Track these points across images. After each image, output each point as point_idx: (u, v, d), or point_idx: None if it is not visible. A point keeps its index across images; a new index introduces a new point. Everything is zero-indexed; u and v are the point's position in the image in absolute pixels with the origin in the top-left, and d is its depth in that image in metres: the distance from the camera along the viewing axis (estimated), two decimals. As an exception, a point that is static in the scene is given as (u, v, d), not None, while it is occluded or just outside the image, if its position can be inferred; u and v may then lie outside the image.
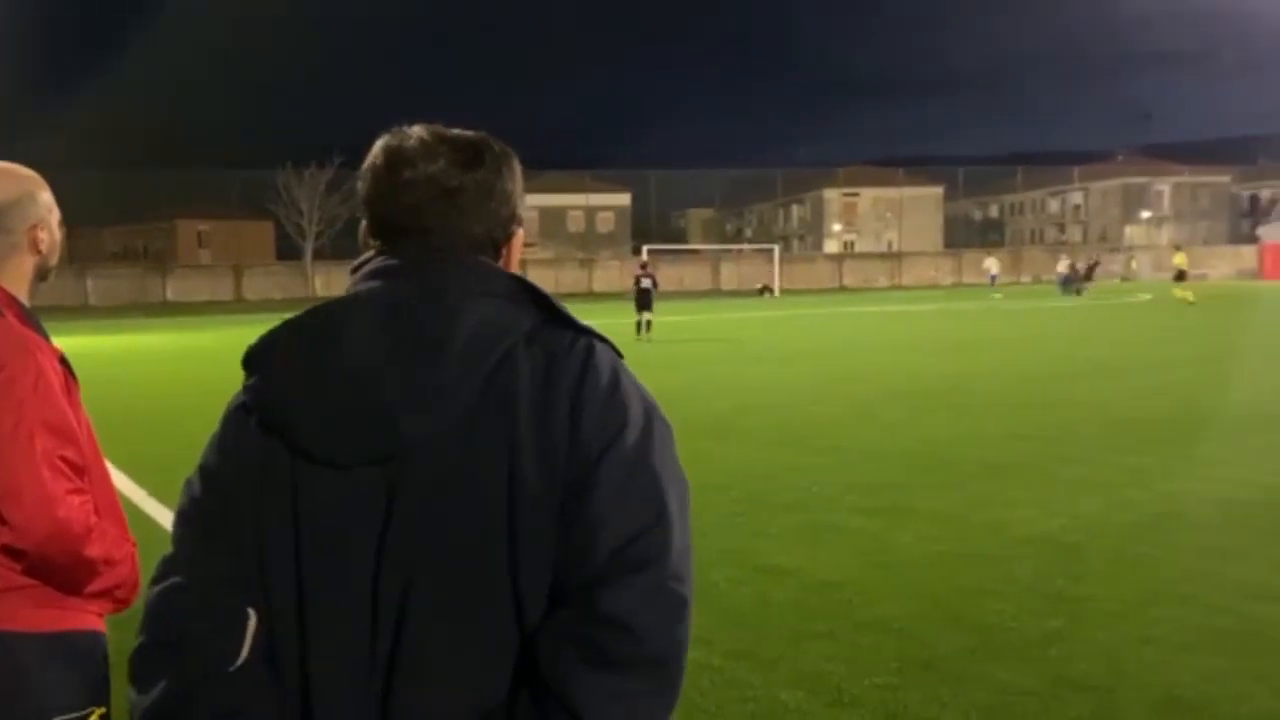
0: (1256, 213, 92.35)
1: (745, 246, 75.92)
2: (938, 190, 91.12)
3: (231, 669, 1.26)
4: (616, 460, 1.21)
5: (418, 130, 1.35)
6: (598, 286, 63.04)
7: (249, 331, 1.47)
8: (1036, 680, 4.04)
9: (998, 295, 43.63)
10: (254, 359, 1.31)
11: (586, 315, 1.33)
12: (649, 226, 78.02)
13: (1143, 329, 24.57)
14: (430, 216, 1.31)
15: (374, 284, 1.30)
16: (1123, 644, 4.39)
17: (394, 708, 1.22)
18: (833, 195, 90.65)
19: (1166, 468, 7.88)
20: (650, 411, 1.28)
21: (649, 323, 23.88)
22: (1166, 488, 7.23)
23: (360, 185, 1.37)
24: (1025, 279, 69.54)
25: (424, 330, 1.23)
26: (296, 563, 1.25)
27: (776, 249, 61.80)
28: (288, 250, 64.40)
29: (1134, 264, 69.31)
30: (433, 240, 1.31)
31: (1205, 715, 3.71)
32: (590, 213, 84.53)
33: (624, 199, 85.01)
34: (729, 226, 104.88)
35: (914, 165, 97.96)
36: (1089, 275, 47.53)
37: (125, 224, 73.96)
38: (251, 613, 1.28)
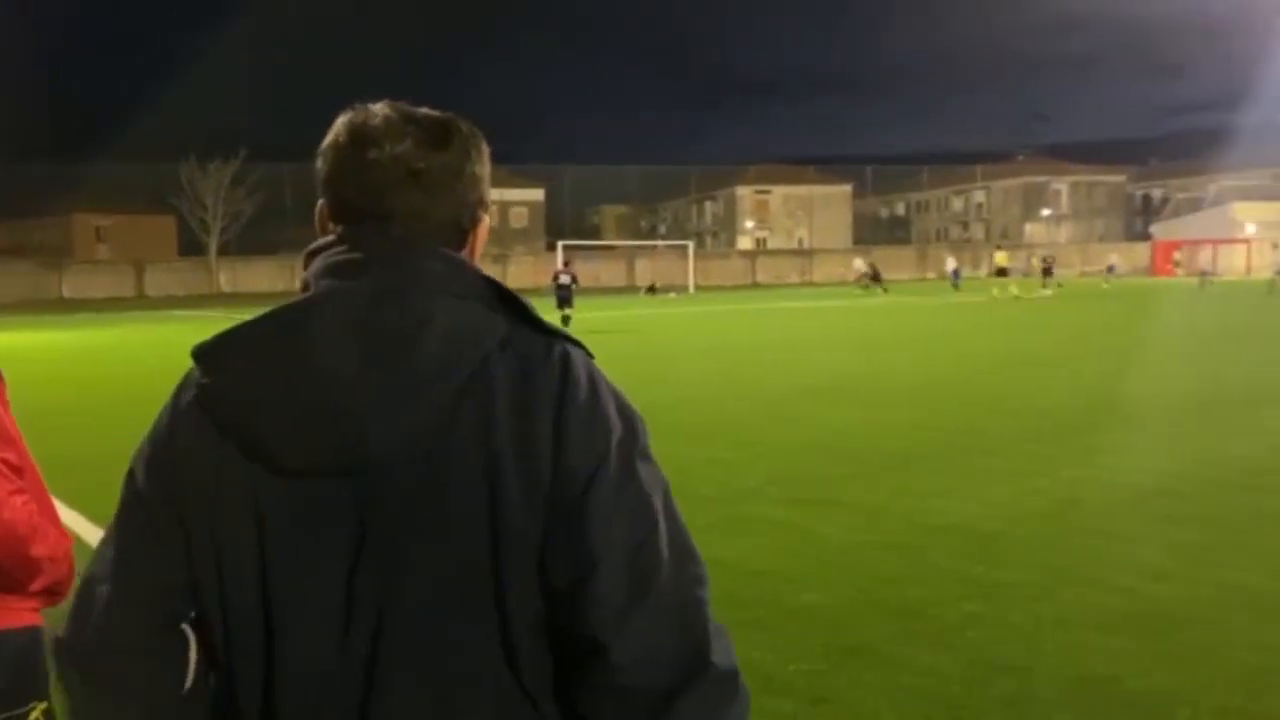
0: (1149, 211, 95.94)
1: (660, 243, 76.27)
2: (847, 188, 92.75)
3: (178, 699, 1.22)
4: (604, 483, 1.15)
5: (382, 107, 1.25)
6: (512, 283, 62.02)
7: (151, 329, 1.42)
8: (958, 662, 4.19)
9: (958, 288, 43.81)
10: (210, 355, 1.21)
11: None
12: (563, 222, 77.89)
13: (1044, 324, 25.37)
14: (395, 200, 1.21)
15: (337, 282, 1.19)
16: (1037, 626, 4.58)
17: None
18: (745, 192, 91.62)
19: (1071, 457, 8.20)
20: (628, 420, 1.22)
21: (568, 318, 24.23)
22: (1071, 475, 7.53)
23: (320, 164, 1.27)
24: (931, 275, 71.16)
25: (393, 334, 1.14)
26: (260, 575, 1.17)
27: (691, 245, 62.21)
28: (191, 246, 62.75)
29: (1034, 261, 71.43)
30: (396, 226, 1.21)
31: (1114, 691, 3.90)
32: (504, 208, 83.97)
33: (538, 195, 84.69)
34: (644, 223, 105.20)
35: (824, 164, 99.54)
36: (1048, 271, 47.32)
37: (17, 219, 71.18)
38: (190, 634, 1.22)
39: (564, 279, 25.08)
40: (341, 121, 1.26)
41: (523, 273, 64.03)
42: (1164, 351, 17.28)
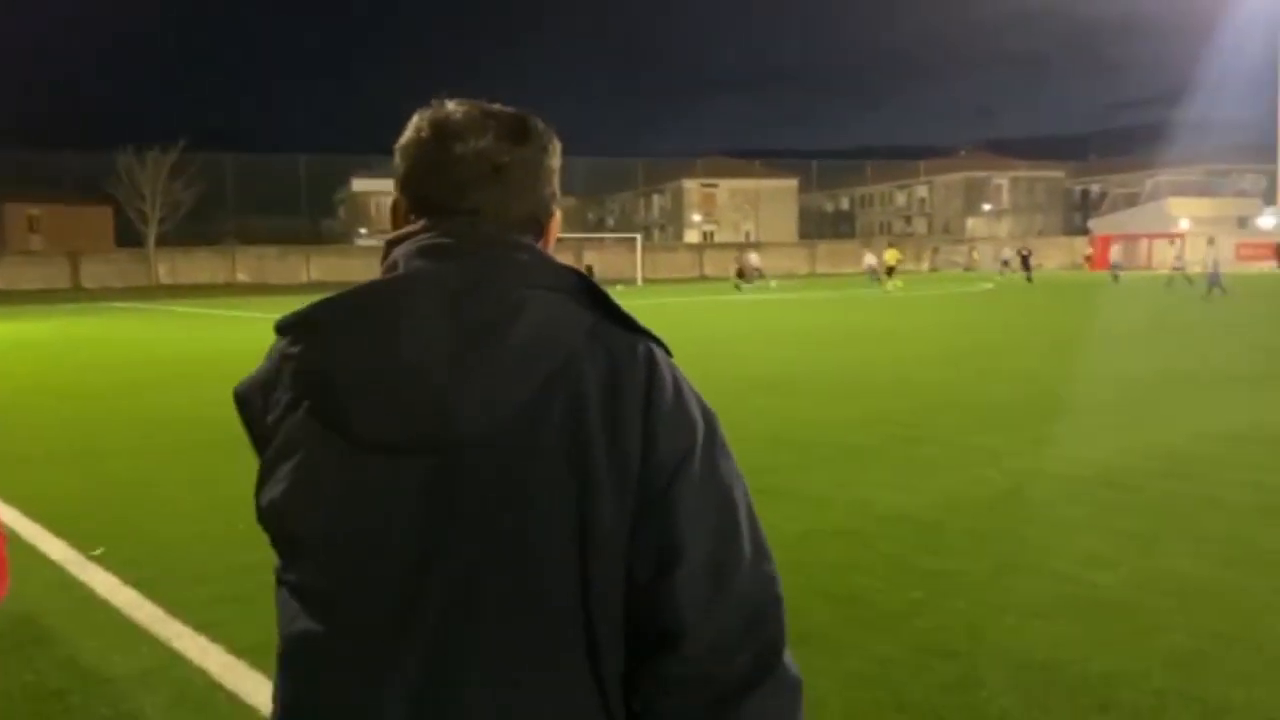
0: (1088, 206, 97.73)
1: (608, 235, 76.22)
2: (792, 182, 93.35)
3: None
4: (687, 481, 1.16)
5: (459, 104, 1.28)
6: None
7: (87, 321, 1.40)
8: (903, 649, 4.25)
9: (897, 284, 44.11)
10: (298, 327, 1.20)
11: None
12: (509, 215, 77.42)
13: (986, 317, 25.76)
14: (479, 194, 1.24)
15: (429, 264, 1.19)
16: (981, 613, 4.65)
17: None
18: (692, 186, 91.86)
19: (1015, 447, 8.33)
20: (708, 417, 1.23)
21: None
22: (1015, 466, 7.65)
23: (399, 160, 1.29)
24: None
25: (486, 320, 1.14)
26: (327, 543, 1.17)
27: (639, 238, 62.26)
28: (129, 236, 61.44)
29: (975, 254, 72.44)
30: (481, 220, 1.23)
31: (1057, 676, 3.97)
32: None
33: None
34: (591, 215, 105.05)
35: (770, 158, 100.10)
36: (1025, 264, 47.76)
37: (-54, 207, 69.25)
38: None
39: None
40: (422, 117, 1.27)
41: (469, 265, 63.57)
42: (1104, 345, 17.63)
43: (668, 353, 1.25)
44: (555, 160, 1.31)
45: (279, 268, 58.75)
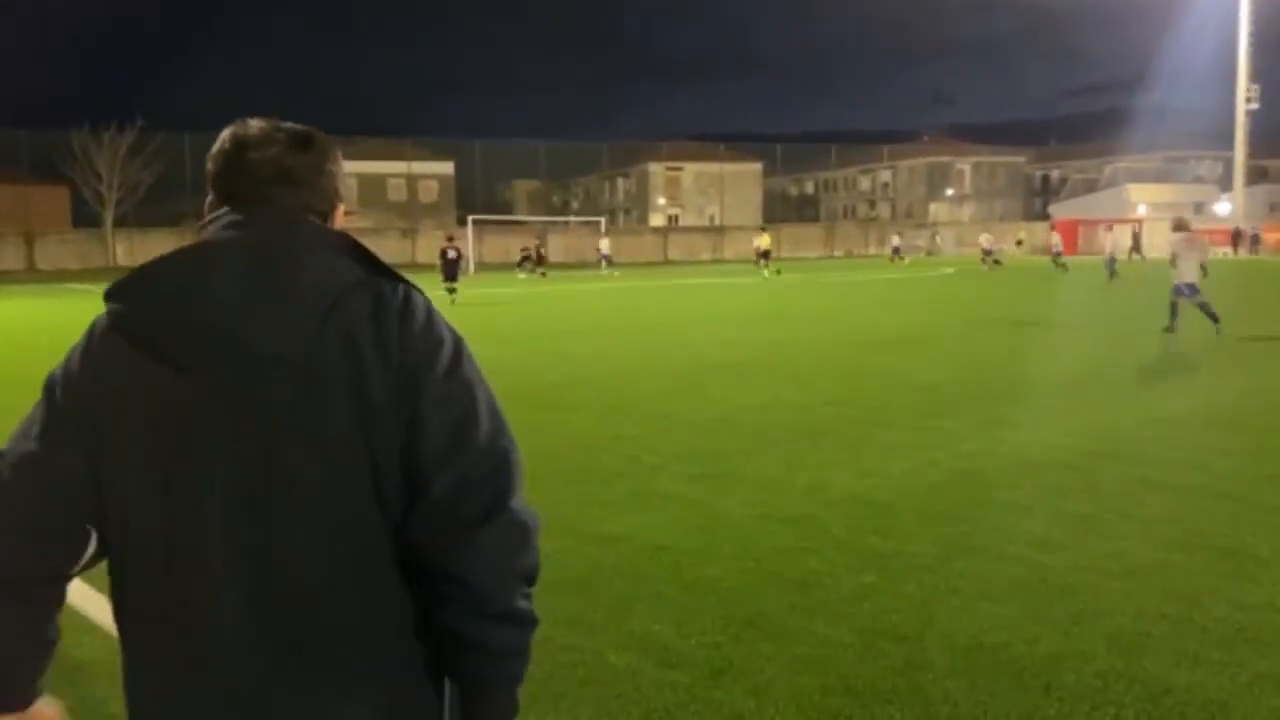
0: (1048, 191, 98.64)
1: (572, 219, 75.99)
2: (757, 166, 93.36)
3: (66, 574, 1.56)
4: (435, 377, 1.51)
5: (257, 122, 1.64)
6: (421, 257, 61.86)
7: (43, 303, 1.47)
8: (852, 632, 4.27)
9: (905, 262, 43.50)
10: (120, 290, 1.51)
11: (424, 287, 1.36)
12: (474, 197, 77.05)
13: (945, 301, 25.94)
14: (270, 190, 1.59)
15: (231, 233, 1.54)
16: (930, 595, 4.68)
17: (270, 622, 1.46)
18: (657, 169, 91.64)
19: (967, 430, 8.39)
20: (455, 337, 1.58)
21: (454, 291, 26.06)
22: (967, 449, 7.71)
23: (210, 165, 1.63)
24: (838, 254, 72.22)
25: (275, 272, 1.48)
26: (164, 457, 1.47)
27: (603, 221, 62.11)
28: (85, 217, 60.39)
29: (938, 239, 72.92)
30: (273, 209, 1.58)
31: (1003, 657, 4.01)
32: (412, 181, 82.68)
33: (447, 168, 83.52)
34: (555, 198, 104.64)
35: (735, 142, 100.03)
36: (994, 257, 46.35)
37: (-104, 186, 67.67)
38: (92, 530, 1.52)
39: (450, 254, 26.88)
40: (227, 132, 1.64)
41: (432, 246, 62.83)
42: (1059, 328, 17.81)
43: (425, 296, 1.60)
44: (335, 165, 1.68)
45: (239, 250, 57.75)
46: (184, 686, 1.48)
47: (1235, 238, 58.32)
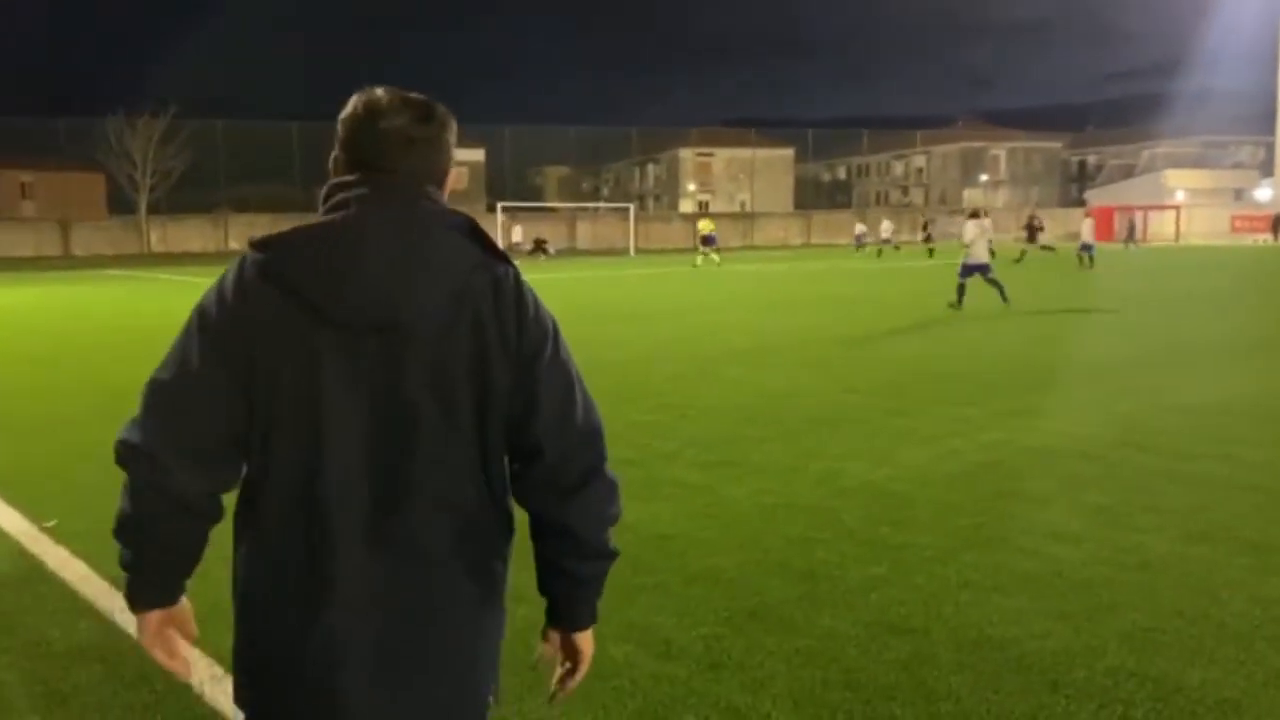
0: (1083, 177, 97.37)
1: (601, 205, 75.90)
2: (788, 152, 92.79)
3: (213, 500, 1.79)
4: (545, 360, 1.80)
5: (384, 91, 1.81)
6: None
7: (75, 289, 1.41)
8: (857, 625, 4.17)
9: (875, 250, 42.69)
10: (269, 243, 1.74)
11: None
12: (504, 184, 77.08)
13: (973, 287, 25.62)
14: (397, 158, 1.78)
15: (370, 207, 1.74)
16: (940, 588, 4.57)
17: (390, 538, 1.74)
18: (687, 155, 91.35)
19: (989, 419, 8.24)
20: (554, 322, 1.86)
21: None
22: (988, 438, 7.57)
23: (340, 129, 1.83)
24: (870, 240, 71.50)
25: (414, 249, 1.72)
26: (314, 398, 1.71)
27: (632, 208, 61.97)
28: (120, 204, 60.99)
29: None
30: (396, 177, 1.77)
31: (1011, 653, 3.90)
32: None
33: (478, 155, 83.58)
34: (585, 185, 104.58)
35: (766, 127, 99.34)
36: (1032, 237, 44.20)
37: (-63, 173, 68.61)
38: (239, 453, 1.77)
39: None
40: (357, 99, 1.81)
41: (462, 234, 63.15)
42: (1090, 315, 17.54)
43: (525, 279, 1.84)
44: (452, 136, 1.87)
45: (271, 236, 58.27)
46: (307, 596, 1.73)
47: (1276, 224, 57.26)
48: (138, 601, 1.82)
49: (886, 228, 49.32)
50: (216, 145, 62.62)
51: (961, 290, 18.50)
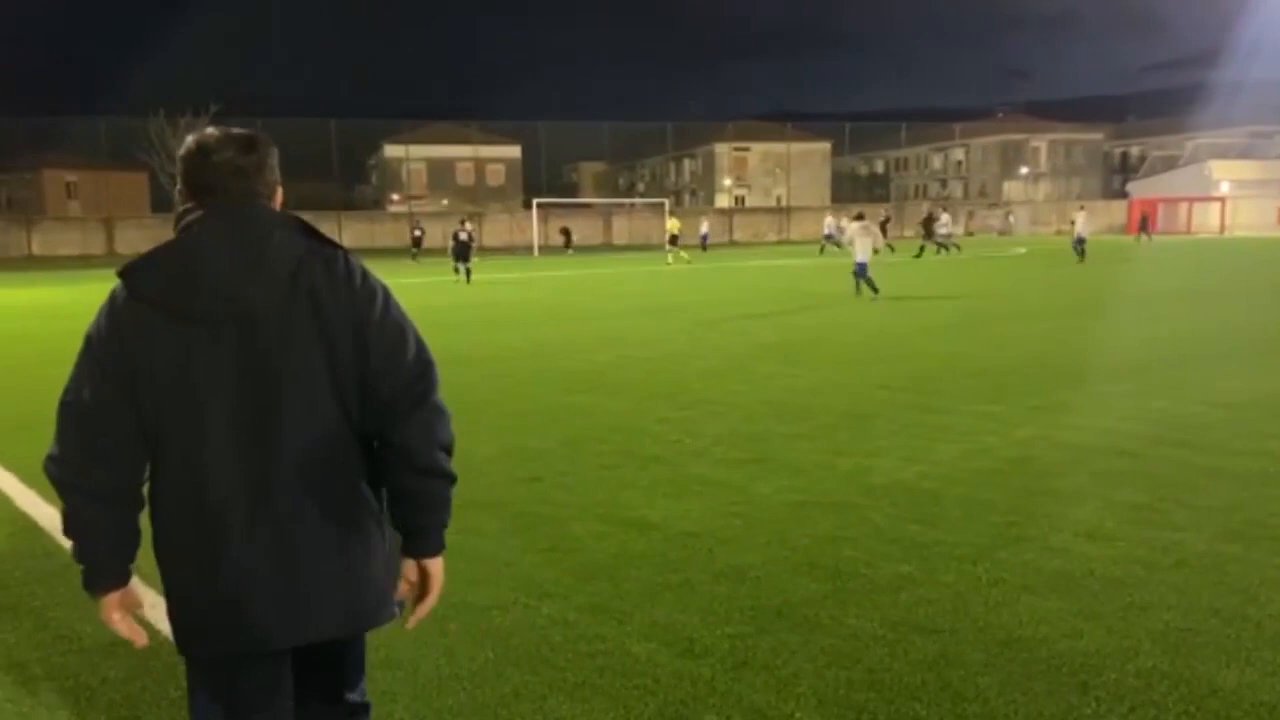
0: (1126, 169, 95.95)
1: (637, 200, 75.84)
2: (825, 145, 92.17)
3: (135, 491, 2.14)
4: (375, 311, 2.17)
5: (213, 130, 2.21)
6: (487, 241, 62.28)
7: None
8: (884, 625, 4.12)
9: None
10: (135, 268, 2.12)
11: (479, 269, 1.29)
12: (539, 180, 77.29)
13: (1011, 281, 25.36)
14: (228, 183, 2.16)
15: (208, 222, 2.12)
16: (969, 587, 4.51)
17: (268, 489, 2.09)
18: (723, 150, 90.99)
19: (1022, 416, 8.14)
20: (383, 286, 2.23)
21: (469, 270, 28.23)
22: (1021, 434, 7.47)
23: (179, 166, 2.19)
24: (908, 234, 71.03)
25: (250, 243, 2.10)
26: (188, 388, 2.07)
27: (667, 203, 61.84)
28: (163, 202, 61.78)
29: (1011, 218, 71.47)
30: (230, 198, 2.15)
31: (1041, 653, 3.84)
32: (480, 165, 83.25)
33: (514, 151, 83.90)
34: (621, 180, 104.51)
35: (802, 121, 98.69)
36: (929, 233, 41.26)
37: (-14, 173, 69.85)
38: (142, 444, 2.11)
39: (462, 236, 28.74)
40: (191, 139, 2.21)
41: (499, 230, 63.54)
42: (1127, 310, 17.29)
43: (352, 255, 2.21)
44: (274, 160, 2.24)
45: (310, 233, 58.86)
46: (210, 553, 2.09)
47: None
48: (94, 587, 2.16)
49: (830, 223, 46.65)
50: (256, 144, 63.03)
51: (869, 284, 19.92)
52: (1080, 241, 32.70)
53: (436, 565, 2.27)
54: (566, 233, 54.75)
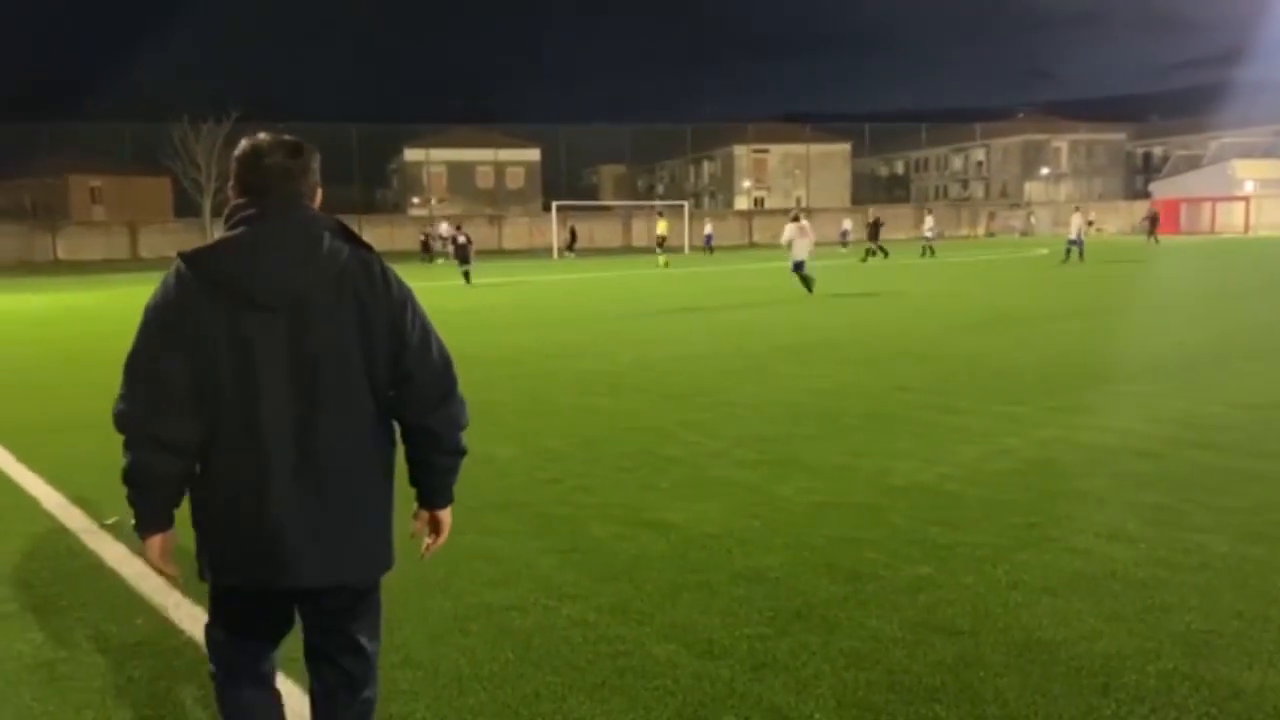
0: (1149, 169, 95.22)
1: (656, 203, 75.83)
2: (845, 147, 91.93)
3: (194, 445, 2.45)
4: (408, 315, 2.55)
5: (265, 135, 2.52)
6: (507, 244, 62.48)
7: (142, 290, 1.62)
8: (903, 626, 4.11)
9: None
10: (196, 253, 2.44)
11: (498, 272, 1.31)
12: (559, 183, 77.39)
13: (1031, 282, 25.23)
14: (277, 184, 2.47)
15: (268, 220, 2.44)
16: (989, 589, 4.50)
17: (309, 456, 2.44)
18: (742, 152, 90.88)
19: (1044, 416, 8.10)
20: (411, 290, 2.60)
21: (468, 274, 28.72)
22: (1043, 435, 7.44)
23: (234, 166, 2.50)
24: (928, 235, 70.70)
25: (305, 247, 2.43)
26: (244, 362, 2.40)
27: (687, 205, 61.83)
28: (186, 207, 62.19)
29: (1032, 219, 71.06)
30: (277, 197, 2.46)
31: (1061, 655, 3.83)
32: (499, 168, 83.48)
33: (533, 155, 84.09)
34: (640, 183, 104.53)
35: (821, 122, 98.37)
36: (874, 235, 41.66)
37: (10, 179, 70.53)
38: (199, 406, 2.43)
39: (460, 239, 29.67)
40: (246, 143, 2.51)
41: (518, 233, 63.69)
42: (1148, 311, 17.17)
43: (383, 260, 2.57)
44: (316, 164, 2.57)
45: (332, 237, 59.26)
46: (254, 502, 2.43)
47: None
48: (145, 528, 2.53)
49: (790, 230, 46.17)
50: (278, 149, 63.38)
51: (804, 281, 21.34)
52: (1074, 243, 32.65)
53: (446, 514, 2.74)
54: (573, 233, 54.78)
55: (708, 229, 50.56)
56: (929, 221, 42.37)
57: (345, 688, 2.70)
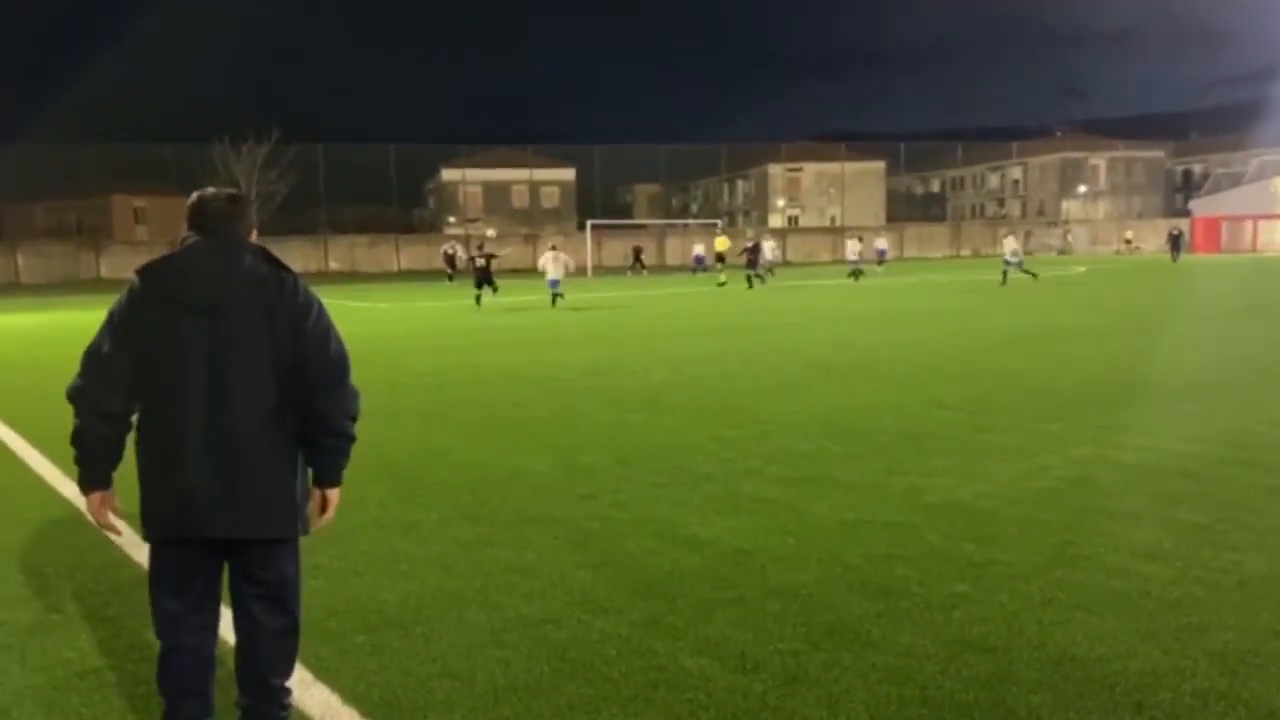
0: (1189, 187, 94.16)
1: (690, 221, 75.95)
2: (880, 165, 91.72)
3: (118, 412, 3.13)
4: (311, 318, 3.15)
5: (210, 189, 3.27)
6: (542, 263, 62.62)
7: None
8: (937, 643, 4.12)
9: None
10: (149, 267, 3.13)
11: (532, 290, 1.34)
12: (594, 202, 77.65)
13: (1067, 301, 25.01)
14: (217, 224, 3.18)
15: (202, 245, 3.15)
16: (1024, 606, 4.49)
17: (219, 428, 3.03)
18: (776, 170, 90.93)
19: (1081, 435, 8.05)
20: (320, 301, 3.22)
21: (478, 297, 28.21)
22: (1079, 454, 7.39)
23: (187, 212, 3.20)
24: (965, 253, 70.42)
25: (229, 265, 3.10)
26: (175, 357, 3.03)
27: (720, 224, 61.87)
28: (226, 226, 62.88)
29: (1070, 237, 70.47)
30: (214, 230, 3.16)
31: (1095, 673, 3.82)
32: (534, 188, 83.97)
33: (569, 174, 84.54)
34: (675, 201, 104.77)
35: (856, 141, 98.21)
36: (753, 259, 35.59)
37: (57, 199, 71.88)
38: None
39: (480, 261, 29.67)
40: (195, 194, 3.23)
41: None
42: (1186, 329, 16.98)
43: (299, 277, 3.18)
44: (251, 211, 3.30)
45: (370, 256, 59.96)
46: (175, 465, 3.03)
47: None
48: (86, 485, 3.19)
49: (769, 248, 40.62)
50: (317, 169, 64.37)
51: (556, 297, 26.69)
52: (1011, 263, 32.39)
53: (335, 493, 3.29)
54: (638, 251, 54.92)
55: (697, 250, 50.32)
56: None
57: (260, 623, 3.25)
